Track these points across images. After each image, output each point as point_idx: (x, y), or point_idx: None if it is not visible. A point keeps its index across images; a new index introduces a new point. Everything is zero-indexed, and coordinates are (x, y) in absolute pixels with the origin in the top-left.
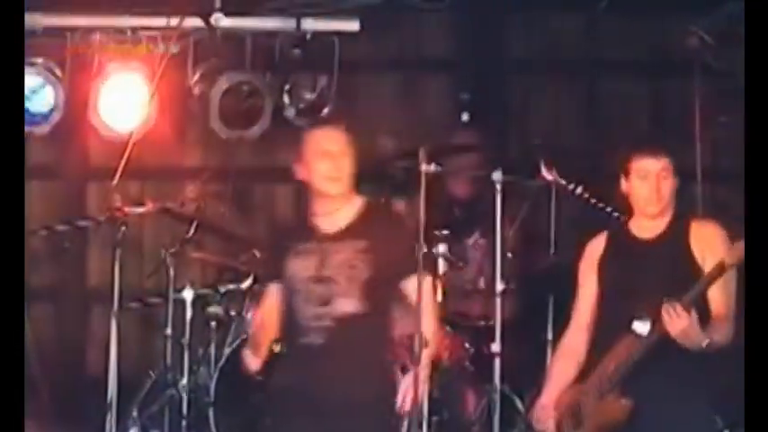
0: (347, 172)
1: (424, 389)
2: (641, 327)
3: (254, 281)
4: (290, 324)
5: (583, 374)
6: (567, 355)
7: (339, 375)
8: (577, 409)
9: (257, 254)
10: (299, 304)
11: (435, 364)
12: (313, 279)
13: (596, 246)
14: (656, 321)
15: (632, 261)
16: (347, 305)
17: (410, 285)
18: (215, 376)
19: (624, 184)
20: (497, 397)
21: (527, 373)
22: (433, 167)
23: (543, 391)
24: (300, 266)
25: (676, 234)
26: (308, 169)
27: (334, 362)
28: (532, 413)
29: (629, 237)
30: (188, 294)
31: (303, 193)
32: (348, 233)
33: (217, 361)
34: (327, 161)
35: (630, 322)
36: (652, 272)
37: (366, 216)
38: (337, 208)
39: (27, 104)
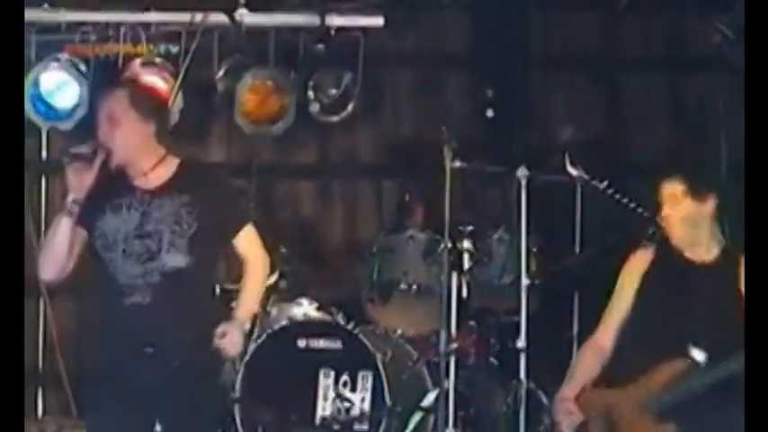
0: (126, 140)
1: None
2: (699, 354)
3: (280, 276)
4: (109, 286)
5: (615, 380)
6: (594, 353)
7: (169, 333)
8: (609, 415)
9: (283, 251)
10: (118, 263)
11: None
12: (134, 235)
13: (642, 258)
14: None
15: (678, 281)
16: (174, 260)
17: (242, 240)
18: (240, 372)
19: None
20: (523, 392)
21: (552, 368)
22: (458, 163)
23: (565, 384)
24: (119, 222)
25: (727, 263)
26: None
27: (162, 320)
28: (555, 402)
29: (677, 256)
30: None
31: (326, 190)
32: (169, 188)
33: (241, 356)
34: (112, 128)
35: (673, 342)
36: (698, 295)
37: (184, 172)
38: (151, 168)
39: (52, 100)
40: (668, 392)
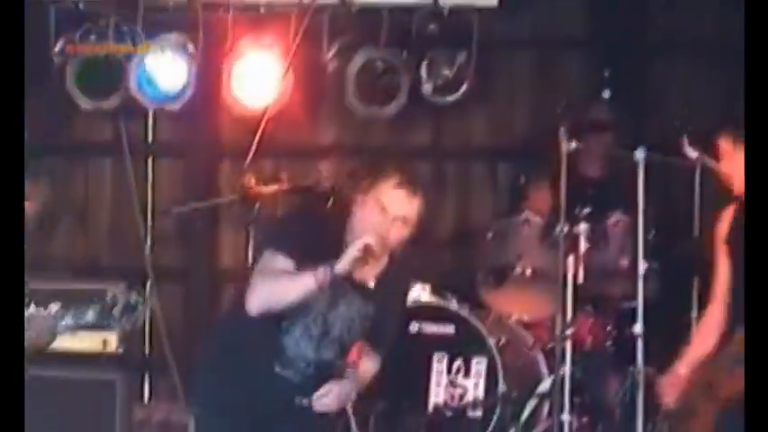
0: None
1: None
2: None
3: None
4: (271, 343)
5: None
6: (707, 327)
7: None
8: (710, 385)
9: None
10: (296, 332)
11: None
12: (321, 316)
13: (726, 215)
14: None
15: None
16: (330, 358)
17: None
18: None
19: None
20: (641, 379)
21: (671, 354)
22: (573, 145)
23: (680, 361)
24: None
25: None
26: None
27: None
28: (664, 381)
29: None
30: None
31: (439, 172)
32: (363, 290)
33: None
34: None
35: None
36: None
37: (381, 282)
38: (374, 263)
39: (159, 81)
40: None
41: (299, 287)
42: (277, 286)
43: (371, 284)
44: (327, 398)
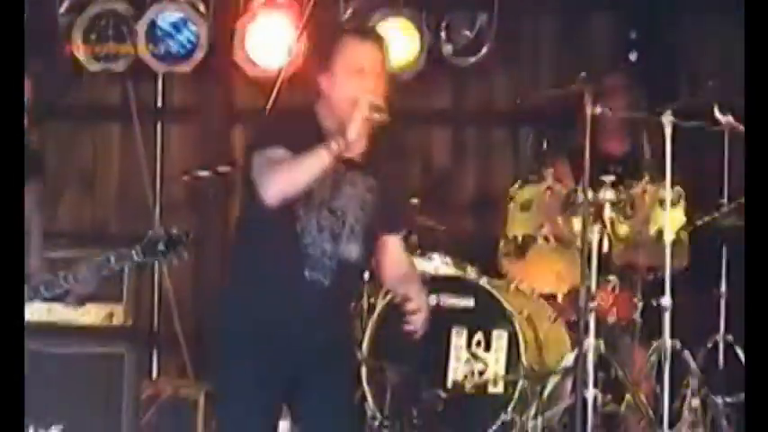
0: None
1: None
2: None
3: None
4: (293, 249)
5: None
6: None
7: (335, 323)
8: None
9: (414, 202)
10: (314, 230)
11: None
12: (327, 206)
13: None
14: None
15: None
16: (350, 250)
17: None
18: (367, 331)
19: None
20: (667, 353)
21: (698, 327)
22: (598, 109)
23: None
24: (317, 183)
25: None
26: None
27: (332, 309)
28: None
29: None
30: None
31: (460, 137)
32: (361, 164)
33: (369, 314)
34: (360, 80)
35: None
36: None
37: (377, 150)
38: (359, 134)
39: (169, 42)
40: None
41: (314, 164)
42: (290, 170)
43: (355, 157)
44: (417, 298)
